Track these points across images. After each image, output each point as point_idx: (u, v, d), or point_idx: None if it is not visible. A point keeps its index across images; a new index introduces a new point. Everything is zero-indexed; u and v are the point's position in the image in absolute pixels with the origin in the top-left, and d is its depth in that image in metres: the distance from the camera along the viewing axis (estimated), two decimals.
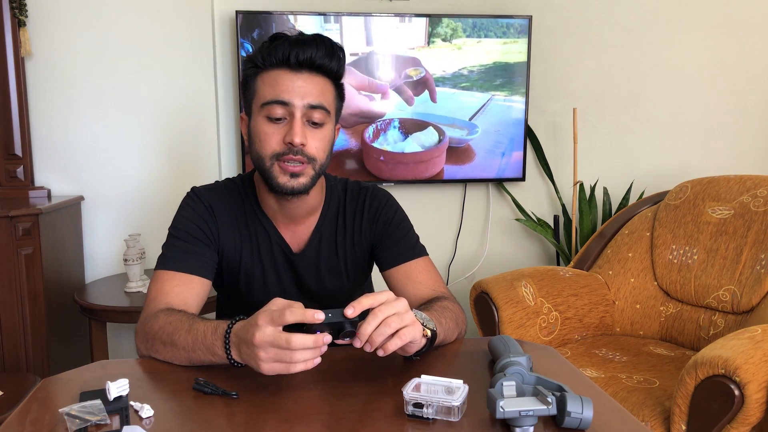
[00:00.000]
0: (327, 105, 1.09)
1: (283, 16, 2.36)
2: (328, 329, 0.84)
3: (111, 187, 2.39)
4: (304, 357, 0.82)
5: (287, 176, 1.07)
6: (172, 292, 1.06)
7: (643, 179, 2.79)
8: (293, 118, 1.06)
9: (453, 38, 2.46)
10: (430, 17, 2.45)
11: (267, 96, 1.07)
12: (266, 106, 1.07)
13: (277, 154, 1.07)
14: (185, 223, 1.13)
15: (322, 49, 1.07)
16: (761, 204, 1.93)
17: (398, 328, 0.85)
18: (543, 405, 0.74)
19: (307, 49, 1.06)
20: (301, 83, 1.06)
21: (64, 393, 0.86)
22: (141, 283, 2.14)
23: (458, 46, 2.47)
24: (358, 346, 0.85)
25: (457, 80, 2.49)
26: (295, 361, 0.81)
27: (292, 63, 1.06)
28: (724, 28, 2.75)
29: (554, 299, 1.97)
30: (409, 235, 1.22)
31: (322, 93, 1.08)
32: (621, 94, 2.76)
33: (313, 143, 1.08)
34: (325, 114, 1.08)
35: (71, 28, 2.28)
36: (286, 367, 0.82)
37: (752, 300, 1.83)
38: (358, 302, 0.85)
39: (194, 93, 2.39)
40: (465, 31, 2.46)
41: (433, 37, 2.45)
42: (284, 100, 1.06)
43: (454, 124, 2.51)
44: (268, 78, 1.08)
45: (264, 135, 1.08)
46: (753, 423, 1.33)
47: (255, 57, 1.09)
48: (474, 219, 2.76)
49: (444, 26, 2.45)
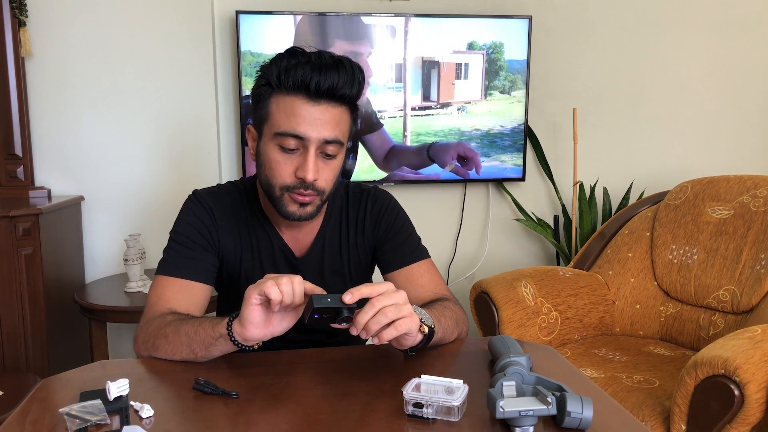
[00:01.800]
0: (342, 137, 1.05)
1: (283, 15, 2.36)
2: (326, 313, 0.84)
3: (111, 187, 2.39)
4: (287, 287, 0.86)
5: (296, 205, 1.06)
6: (173, 298, 1.06)
7: (643, 179, 2.79)
8: (307, 151, 1.02)
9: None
10: (430, 17, 2.45)
11: (281, 126, 1.02)
12: (280, 136, 1.02)
13: (288, 186, 1.05)
14: (186, 228, 1.13)
15: (344, 77, 1.01)
16: (761, 204, 1.93)
17: (394, 319, 0.86)
18: (543, 405, 0.74)
19: (329, 78, 0.99)
20: (318, 115, 1.01)
21: (64, 393, 0.86)
22: (141, 283, 2.14)
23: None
24: (354, 333, 0.86)
25: None
26: (279, 284, 0.86)
27: (312, 92, 1.00)
28: (724, 29, 2.75)
29: (554, 299, 1.97)
30: (411, 238, 1.22)
31: (338, 125, 1.04)
32: (621, 94, 2.76)
33: (324, 176, 1.06)
34: (338, 146, 1.05)
35: (71, 28, 2.28)
36: (268, 288, 0.85)
37: (752, 300, 1.83)
38: (357, 289, 0.86)
39: (194, 93, 2.39)
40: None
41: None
42: (299, 135, 1.01)
43: None
44: (283, 104, 1.02)
45: (275, 164, 1.04)
46: (753, 423, 1.33)
47: (269, 73, 1.03)
48: (474, 219, 2.76)
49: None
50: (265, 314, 0.89)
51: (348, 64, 1.02)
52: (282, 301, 0.86)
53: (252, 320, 0.88)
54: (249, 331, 0.88)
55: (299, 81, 1.00)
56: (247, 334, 0.89)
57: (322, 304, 0.84)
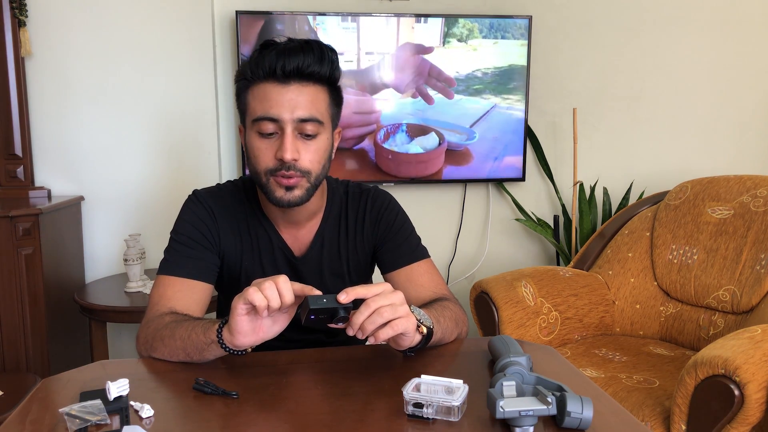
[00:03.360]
0: (319, 116, 1.06)
1: (283, 15, 2.36)
2: (322, 314, 0.84)
3: (111, 187, 2.39)
4: (271, 291, 0.85)
5: (283, 190, 1.07)
6: (174, 297, 1.07)
7: (643, 179, 2.79)
8: (284, 133, 1.04)
9: (469, 39, 2.48)
10: (430, 17, 2.45)
11: (257, 112, 1.05)
12: (257, 122, 1.05)
13: (271, 170, 1.06)
14: (186, 227, 1.13)
15: (310, 56, 1.03)
16: (761, 204, 1.93)
17: (391, 319, 0.86)
18: (543, 405, 0.74)
19: (293, 59, 1.02)
20: (290, 96, 1.03)
21: (64, 393, 0.86)
22: (141, 283, 2.14)
23: (474, 48, 2.49)
24: (350, 334, 0.87)
25: (470, 82, 2.51)
26: (263, 289, 0.85)
27: (279, 74, 1.02)
28: (724, 29, 2.75)
29: (554, 299, 1.97)
30: (411, 238, 1.22)
31: (313, 103, 1.05)
32: (621, 94, 2.76)
33: (307, 156, 1.06)
34: (317, 125, 1.06)
35: (71, 28, 2.28)
36: (257, 294, 0.85)
37: (752, 300, 1.83)
38: (353, 289, 0.86)
39: (194, 93, 2.39)
40: (481, 32, 2.47)
41: (449, 37, 2.47)
42: (273, 117, 1.03)
43: (455, 129, 2.54)
44: (257, 92, 1.05)
45: (257, 151, 1.06)
46: (753, 423, 1.33)
47: (244, 69, 1.07)
48: (474, 219, 2.76)
49: (460, 26, 2.46)
50: (253, 322, 0.89)
51: (316, 45, 1.05)
52: (269, 306, 0.86)
53: (240, 330, 0.88)
54: (238, 339, 0.88)
55: (267, 68, 1.03)
56: (236, 342, 0.89)
57: (317, 304, 0.84)
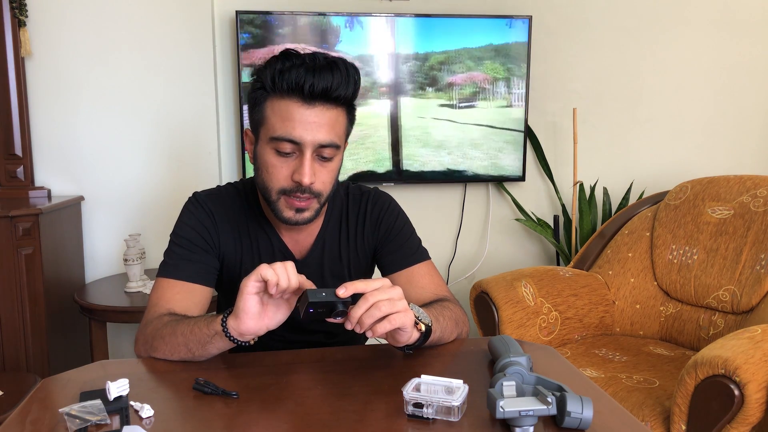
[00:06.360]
0: (338, 140, 1.04)
1: (283, 15, 2.36)
2: (321, 308, 0.85)
3: (111, 187, 2.39)
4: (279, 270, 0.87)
5: (292, 211, 1.06)
6: (173, 300, 1.06)
7: (643, 179, 2.79)
8: (302, 155, 1.02)
9: None
10: (429, 17, 2.45)
11: (277, 130, 1.01)
12: (276, 140, 1.02)
13: (285, 189, 1.05)
14: (186, 230, 1.13)
15: (338, 77, 0.99)
16: (761, 204, 1.93)
17: (389, 313, 0.86)
18: (543, 405, 0.74)
19: (323, 80, 0.98)
20: (313, 118, 1.00)
21: (64, 393, 0.86)
22: (141, 283, 2.14)
23: None
24: (348, 328, 0.87)
25: (470, 82, 2.51)
26: (273, 267, 0.87)
27: (306, 94, 0.99)
28: (724, 29, 2.75)
29: (554, 299, 1.97)
30: (411, 240, 1.21)
31: (333, 128, 1.03)
32: (621, 94, 2.76)
33: (321, 178, 1.05)
34: (334, 150, 1.05)
35: (71, 28, 2.28)
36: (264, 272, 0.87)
37: (752, 300, 1.83)
38: (351, 284, 0.86)
39: (194, 93, 2.39)
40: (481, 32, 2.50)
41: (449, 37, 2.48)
42: (295, 140, 1.01)
43: None
44: (278, 108, 1.01)
45: (272, 168, 1.04)
46: (753, 423, 1.33)
47: (263, 77, 1.02)
48: (474, 219, 2.76)
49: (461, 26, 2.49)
50: (260, 305, 0.89)
51: (342, 64, 1.01)
52: (278, 284, 0.86)
53: (248, 310, 0.88)
54: (244, 323, 0.88)
55: (293, 83, 0.99)
56: (242, 327, 0.89)
57: (317, 298, 0.84)
